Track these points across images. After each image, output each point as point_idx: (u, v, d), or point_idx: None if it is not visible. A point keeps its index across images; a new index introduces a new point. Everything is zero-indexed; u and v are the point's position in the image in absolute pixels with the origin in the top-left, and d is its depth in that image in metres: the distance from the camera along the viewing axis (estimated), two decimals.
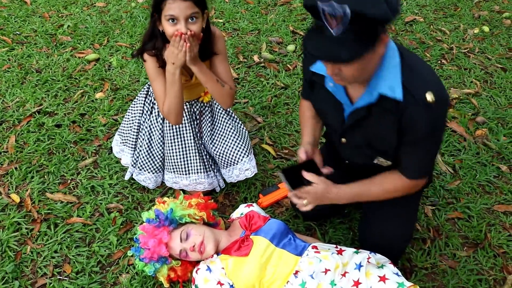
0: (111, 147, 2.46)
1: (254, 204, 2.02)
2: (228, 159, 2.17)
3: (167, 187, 2.30)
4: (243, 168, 2.20)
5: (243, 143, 2.19)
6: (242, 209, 1.99)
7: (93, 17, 3.78)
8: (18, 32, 3.54)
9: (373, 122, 1.50)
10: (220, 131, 2.19)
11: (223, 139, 2.17)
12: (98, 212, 2.20)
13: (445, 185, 2.38)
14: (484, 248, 2.09)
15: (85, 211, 2.18)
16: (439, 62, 3.42)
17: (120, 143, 2.34)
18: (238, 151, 2.16)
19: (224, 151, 2.16)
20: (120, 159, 2.39)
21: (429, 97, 1.35)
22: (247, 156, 2.19)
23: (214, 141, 2.18)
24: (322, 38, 1.23)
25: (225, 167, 2.22)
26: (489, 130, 2.77)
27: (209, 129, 2.20)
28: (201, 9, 1.76)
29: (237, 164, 2.18)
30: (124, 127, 2.31)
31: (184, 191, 2.27)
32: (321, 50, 1.24)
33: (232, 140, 2.17)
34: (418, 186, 1.65)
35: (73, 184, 2.33)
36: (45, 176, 2.36)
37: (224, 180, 2.29)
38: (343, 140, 1.66)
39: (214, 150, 2.18)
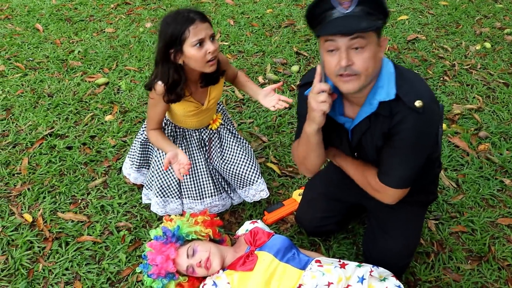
0: (123, 170, 2.52)
1: (259, 221, 2.06)
2: (243, 180, 2.21)
3: None
4: (259, 189, 2.25)
5: (254, 164, 2.24)
6: (247, 226, 2.03)
7: (102, 42, 3.91)
8: (31, 59, 3.67)
9: (372, 133, 1.56)
10: (232, 154, 2.23)
11: (235, 161, 2.21)
12: (107, 231, 2.25)
13: (448, 200, 2.41)
14: (489, 261, 2.10)
15: (95, 230, 2.24)
16: (442, 78, 3.47)
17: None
18: (252, 171, 2.21)
19: (238, 172, 2.20)
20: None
21: (418, 104, 1.43)
22: (260, 177, 2.24)
23: (226, 164, 2.22)
24: (336, 19, 1.34)
25: (241, 188, 2.26)
26: (492, 144, 2.80)
27: (219, 154, 2.24)
28: None
29: (252, 184, 2.23)
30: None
31: None
32: (341, 26, 1.33)
33: (244, 161, 2.21)
34: (389, 195, 1.62)
35: (83, 204, 2.40)
36: (57, 196, 2.44)
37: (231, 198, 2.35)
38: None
39: (228, 172, 2.22)
